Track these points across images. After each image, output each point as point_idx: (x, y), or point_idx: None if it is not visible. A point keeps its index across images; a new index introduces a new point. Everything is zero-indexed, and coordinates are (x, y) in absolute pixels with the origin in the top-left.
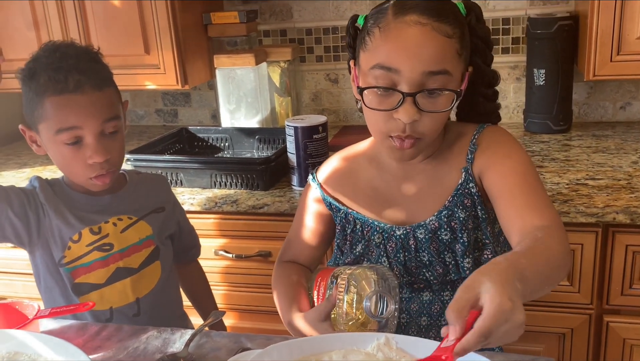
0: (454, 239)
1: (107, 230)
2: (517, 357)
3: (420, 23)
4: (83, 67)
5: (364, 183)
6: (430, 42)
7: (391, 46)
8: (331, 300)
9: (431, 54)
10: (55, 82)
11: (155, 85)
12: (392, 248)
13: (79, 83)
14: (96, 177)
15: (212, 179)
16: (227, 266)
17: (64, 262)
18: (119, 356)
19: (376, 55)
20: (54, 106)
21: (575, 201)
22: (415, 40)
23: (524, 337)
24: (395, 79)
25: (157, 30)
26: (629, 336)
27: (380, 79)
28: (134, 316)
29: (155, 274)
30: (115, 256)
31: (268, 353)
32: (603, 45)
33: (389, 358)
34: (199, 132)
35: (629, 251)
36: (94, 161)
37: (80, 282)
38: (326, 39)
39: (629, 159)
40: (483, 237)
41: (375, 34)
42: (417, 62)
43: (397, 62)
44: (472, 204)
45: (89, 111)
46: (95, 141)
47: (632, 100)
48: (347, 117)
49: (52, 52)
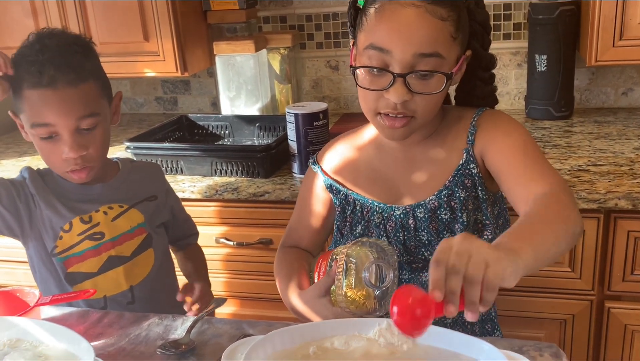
0: (453, 219)
1: (97, 219)
2: (519, 343)
3: (414, 5)
4: (59, 62)
5: (364, 165)
6: (422, 24)
7: (384, 27)
8: (331, 275)
9: (423, 36)
10: (29, 75)
11: (155, 72)
12: (391, 227)
13: (52, 78)
14: (72, 171)
15: (213, 166)
16: (228, 253)
17: (56, 252)
18: (120, 343)
19: (370, 36)
20: (29, 100)
21: (577, 187)
22: (408, 22)
23: (526, 323)
24: (387, 60)
25: (156, 17)
26: (630, 322)
27: (373, 59)
28: (128, 304)
29: (148, 262)
30: (107, 244)
31: (270, 339)
32: (605, 31)
33: (391, 343)
34: (199, 120)
35: (630, 237)
36: (67, 157)
37: (73, 271)
38: (326, 25)
39: (631, 145)
40: (483, 218)
41: (371, 14)
42: (408, 44)
43: (389, 43)
44: (473, 185)
45: (62, 108)
46: (69, 138)
47: (634, 86)
48: (348, 105)
49: (33, 44)
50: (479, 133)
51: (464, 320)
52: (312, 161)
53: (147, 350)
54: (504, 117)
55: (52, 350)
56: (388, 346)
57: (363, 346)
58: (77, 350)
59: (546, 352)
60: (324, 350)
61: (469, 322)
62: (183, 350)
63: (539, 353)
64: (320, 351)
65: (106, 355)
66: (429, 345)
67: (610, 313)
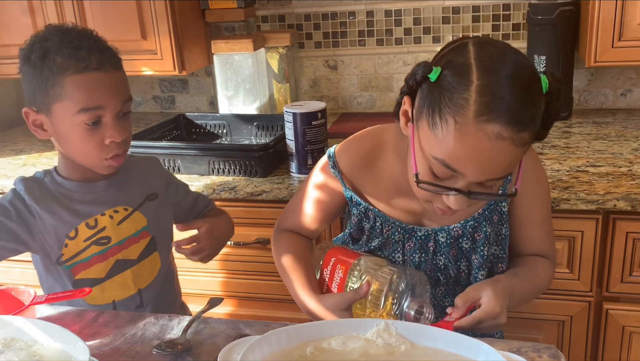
0: (473, 249)
1: (103, 223)
2: (518, 344)
3: (502, 137)
4: (102, 47)
5: (387, 179)
6: (505, 156)
7: (464, 153)
8: (360, 294)
9: (501, 166)
10: (76, 60)
11: (152, 71)
12: (410, 247)
13: (101, 61)
14: (112, 157)
15: (210, 166)
16: (225, 253)
17: (62, 260)
18: (116, 343)
19: (444, 149)
20: (76, 85)
21: (575, 188)
22: (490, 155)
23: (524, 325)
24: (456, 176)
25: (154, 15)
26: (629, 324)
27: (440, 172)
28: (137, 308)
29: (155, 265)
30: (114, 249)
31: (267, 339)
32: (604, 31)
33: (389, 344)
34: (196, 118)
35: (629, 238)
36: (112, 141)
37: (81, 278)
38: (325, 24)
39: (629, 146)
40: (501, 252)
41: (449, 125)
42: (485, 173)
43: (464, 168)
44: (499, 221)
45: (111, 90)
46: (114, 121)
47: (633, 87)
48: (346, 105)
49: (66, 32)
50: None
51: None
52: (332, 165)
53: (142, 349)
54: (538, 162)
55: (46, 349)
56: (386, 346)
57: (361, 347)
58: (72, 350)
59: (545, 353)
60: (322, 350)
61: None
62: (179, 350)
63: (538, 354)
64: (317, 352)
65: (101, 354)
66: (426, 345)
67: (609, 315)
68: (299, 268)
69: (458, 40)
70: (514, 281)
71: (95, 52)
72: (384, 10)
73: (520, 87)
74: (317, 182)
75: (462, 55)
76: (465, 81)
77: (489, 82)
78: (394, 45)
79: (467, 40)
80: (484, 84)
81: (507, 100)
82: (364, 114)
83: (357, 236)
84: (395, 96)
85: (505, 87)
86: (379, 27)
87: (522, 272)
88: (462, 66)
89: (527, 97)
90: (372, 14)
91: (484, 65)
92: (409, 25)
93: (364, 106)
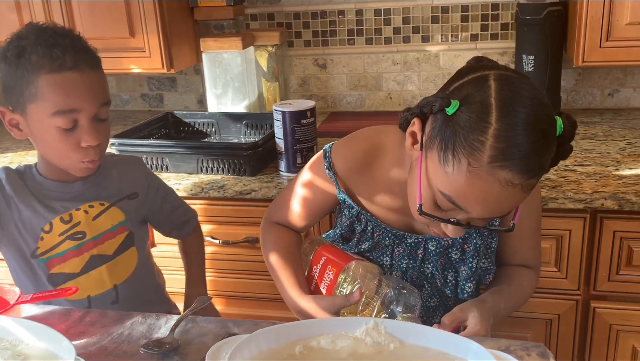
0: (462, 260)
1: (78, 218)
2: (507, 342)
3: (512, 184)
4: (78, 46)
5: (382, 183)
6: (512, 199)
7: (472, 194)
8: (351, 301)
9: (507, 207)
10: (51, 59)
11: (141, 69)
12: (399, 253)
13: (76, 61)
14: (89, 160)
15: (199, 164)
16: (213, 252)
17: (37, 253)
18: (102, 342)
19: (453, 187)
20: (51, 85)
21: (563, 187)
22: (499, 198)
23: (512, 323)
24: (458, 209)
25: (142, 12)
26: (615, 322)
27: (444, 205)
28: (113, 303)
29: (131, 260)
30: (89, 244)
31: (255, 338)
32: (592, 31)
33: (378, 343)
34: (185, 117)
35: (616, 237)
36: (88, 145)
37: (56, 272)
38: (314, 23)
39: (616, 145)
40: (489, 265)
41: (462, 166)
42: (489, 212)
43: (470, 207)
44: (490, 235)
45: (87, 92)
46: (90, 125)
47: (620, 87)
48: (336, 103)
49: (42, 31)
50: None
51: None
52: (327, 166)
53: (130, 349)
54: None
55: (32, 348)
56: (375, 345)
57: (349, 346)
58: (58, 349)
59: (533, 352)
60: (310, 349)
61: None
62: (167, 349)
63: (526, 352)
64: (306, 351)
65: (88, 354)
66: (416, 344)
67: (596, 313)
68: (288, 266)
69: (478, 68)
70: (499, 301)
71: (71, 51)
72: (374, 9)
73: (536, 135)
74: (310, 180)
75: (482, 91)
76: (483, 123)
77: (507, 127)
78: (383, 44)
79: (488, 73)
80: (502, 128)
81: (522, 148)
82: (353, 113)
83: (347, 236)
84: (385, 95)
85: (522, 134)
86: (368, 26)
87: (507, 290)
88: (480, 105)
89: (541, 144)
90: (362, 13)
91: (503, 106)
92: (398, 25)
93: (353, 105)
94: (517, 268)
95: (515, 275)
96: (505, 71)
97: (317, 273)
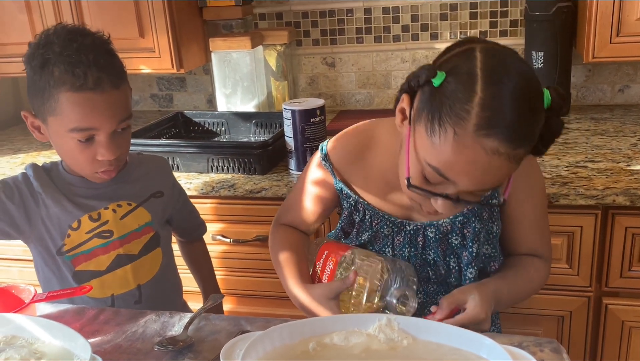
0: (462, 246)
1: (106, 217)
2: (519, 338)
3: (498, 152)
4: (103, 63)
5: (377, 174)
6: (499, 170)
7: (459, 164)
8: (347, 283)
9: (494, 179)
10: (73, 77)
11: (150, 69)
12: (399, 241)
13: (98, 81)
14: (103, 171)
15: (209, 163)
16: (224, 251)
17: (64, 250)
18: (117, 340)
19: (440, 158)
20: (71, 103)
21: (574, 183)
22: (485, 168)
23: (523, 320)
24: (447, 182)
25: (151, 13)
26: (628, 319)
27: (432, 178)
28: (136, 303)
29: (156, 261)
30: (115, 243)
31: (268, 335)
32: (602, 27)
33: (391, 339)
34: (195, 116)
35: (628, 233)
36: (103, 159)
37: (81, 270)
38: (322, 22)
39: (627, 141)
40: (493, 251)
41: (448, 135)
42: (477, 184)
43: (457, 178)
44: (490, 218)
45: (107, 112)
46: (107, 140)
47: (631, 83)
48: (344, 102)
49: (69, 43)
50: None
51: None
52: (323, 157)
53: (144, 346)
54: (535, 164)
55: (48, 346)
56: (388, 342)
57: (363, 342)
58: (74, 347)
59: (546, 348)
60: (324, 345)
61: None
62: (180, 347)
63: (539, 348)
64: (319, 347)
65: (102, 352)
66: (429, 340)
67: (608, 310)
68: (290, 261)
69: (465, 42)
70: (502, 286)
71: (94, 69)
72: (382, 8)
73: (522, 103)
74: (311, 176)
75: (468, 62)
76: (469, 92)
77: (493, 95)
78: (392, 42)
79: (474, 45)
80: (487, 97)
81: (508, 116)
82: (362, 111)
83: (348, 229)
84: (394, 93)
85: (508, 103)
86: (376, 25)
87: (512, 277)
88: (467, 75)
89: (528, 114)
90: (370, 11)
91: (489, 76)
92: (406, 22)
93: (362, 103)
94: (525, 257)
95: (523, 264)
96: (492, 44)
97: (319, 267)
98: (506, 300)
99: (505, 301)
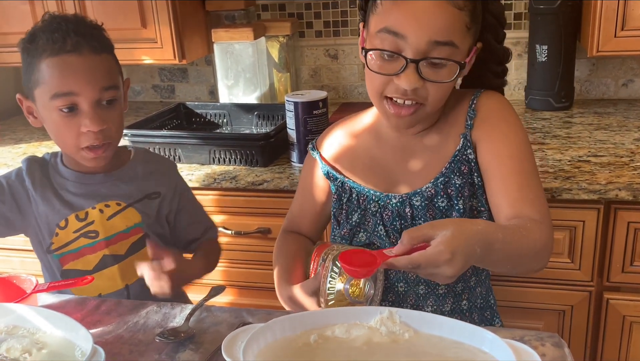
0: (450, 206)
1: (93, 217)
2: (521, 332)
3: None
4: (83, 31)
5: (362, 152)
6: (440, 12)
7: (401, 12)
8: (318, 278)
9: (440, 24)
10: (52, 43)
11: (152, 59)
12: (388, 216)
13: (77, 44)
14: (89, 148)
15: (211, 155)
16: (226, 242)
17: (52, 248)
18: (118, 331)
19: (385, 19)
20: (50, 68)
21: (577, 177)
22: (425, 9)
23: (524, 314)
24: (400, 45)
25: (154, 3)
26: (629, 314)
27: (386, 43)
28: None
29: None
30: (101, 243)
31: (270, 327)
32: (607, 21)
33: (392, 332)
34: (196, 107)
35: (630, 228)
36: (88, 130)
37: (69, 269)
38: (325, 13)
39: (631, 136)
40: (478, 205)
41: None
42: (424, 30)
43: (404, 28)
44: (469, 171)
45: (86, 75)
46: (91, 109)
47: (635, 77)
48: (347, 94)
49: (54, 18)
50: (477, 119)
51: (463, 307)
52: (311, 147)
53: (145, 337)
54: (505, 111)
55: (49, 337)
56: (389, 334)
57: (364, 335)
58: (75, 338)
59: (548, 342)
60: (325, 338)
61: (467, 310)
62: (182, 338)
63: (541, 342)
64: (321, 340)
65: (104, 342)
66: (431, 333)
67: (609, 304)
68: (285, 265)
69: None
70: (495, 229)
71: (72, 34)
72: None
73: None
74: (305, 173)
75: None
76: None
77: None
78: None
79: None
80: None
81: None
82: (364, 103)
83: (339, 215)
84: None
85: None
86: None
87: (507, 225)
88: None
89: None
90: None
91: None
92: None
93: (364, 96)
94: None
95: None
96: None
97: (312, 269)
98: (500, 248)
99: (499, 249)
